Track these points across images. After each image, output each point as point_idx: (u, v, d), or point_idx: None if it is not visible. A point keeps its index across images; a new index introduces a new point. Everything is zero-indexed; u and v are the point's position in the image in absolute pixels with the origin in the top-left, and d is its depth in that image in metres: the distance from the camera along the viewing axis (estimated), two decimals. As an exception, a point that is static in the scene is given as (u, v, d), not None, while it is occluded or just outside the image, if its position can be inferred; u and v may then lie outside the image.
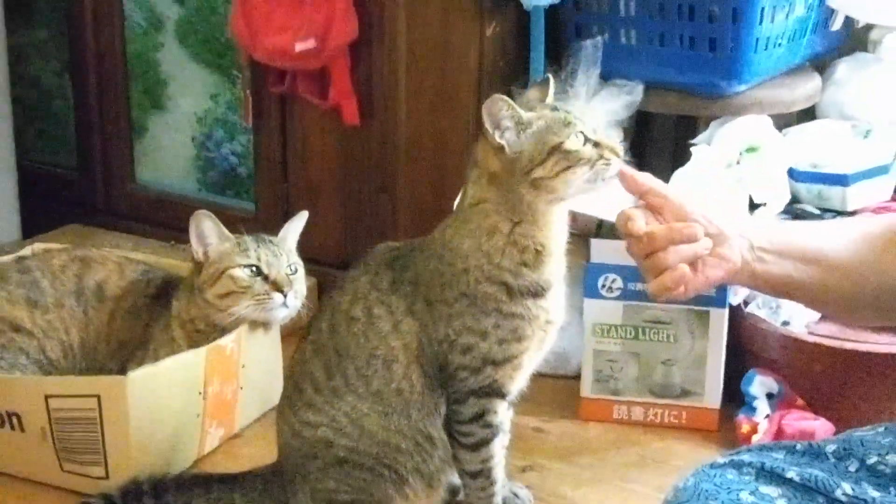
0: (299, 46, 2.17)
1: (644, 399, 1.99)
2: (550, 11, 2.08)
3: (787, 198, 2.06)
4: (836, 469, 1.24)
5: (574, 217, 1.95)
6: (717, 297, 1.91)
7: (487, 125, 1.46)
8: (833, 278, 1.36)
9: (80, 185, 2.71)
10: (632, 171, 1.42)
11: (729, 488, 1.25)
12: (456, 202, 1.59)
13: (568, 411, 2.02)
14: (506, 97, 1.46)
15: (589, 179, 1.46)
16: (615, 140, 1.50)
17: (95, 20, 2.58)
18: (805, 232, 1.42)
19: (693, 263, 1.36)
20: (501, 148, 1.46)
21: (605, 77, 2.10)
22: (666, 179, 2.08)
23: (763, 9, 2.01)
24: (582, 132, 1.46)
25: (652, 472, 1.85)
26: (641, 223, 1.35)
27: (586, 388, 2.00)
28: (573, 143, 1.45)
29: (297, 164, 2.37)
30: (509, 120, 1.46)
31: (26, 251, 2.12)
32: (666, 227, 1.35)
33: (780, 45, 2.10)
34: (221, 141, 2.53)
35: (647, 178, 1.41)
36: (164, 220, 2.58)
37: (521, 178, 1.46)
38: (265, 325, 1.95)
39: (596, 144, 1.46)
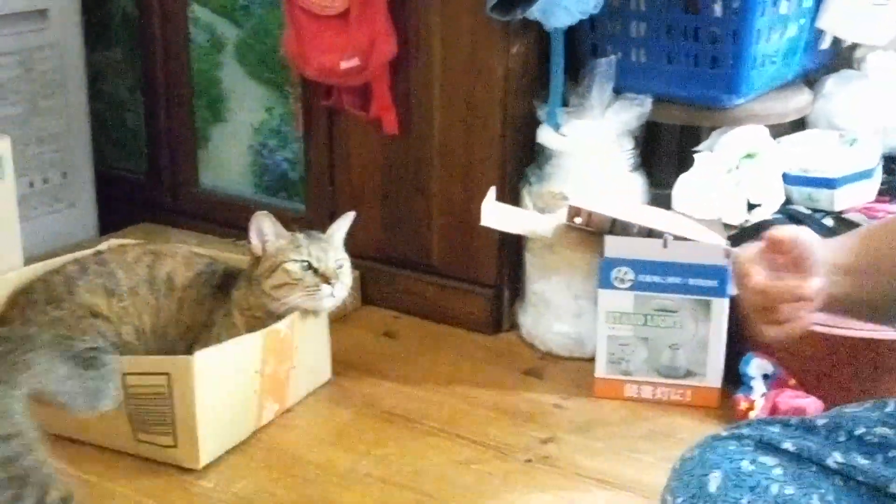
0: (345, 64, 2.17)
1: (652, 379, 1.98)
2: (569, 32, 2.07)
3: (782, 199, 2.05)
4: (827, 440, 1.23)
5: (590, 215, 1.97)
6: (719, 287, 1.90)
7: None
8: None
9: (150, 189, 2.72)
10: (779, 235, 1.17)
11: (731, 458, 1.24)
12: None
13: (583, 390, 2.01)
14: None
15: None
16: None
17: (164, 42, 2.59)
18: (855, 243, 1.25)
19: None
20: None
21: (618, 91, 2.09)
22: (670, 183, 2.09)
23: (759, 30, 2.00)
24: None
25: (660, 444, 1.84)
26: (759, 278, 1.18)
27: (600, 369, 1.99)
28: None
29: (342, 169, 2.37)
30: None
31: (102, 246, 2.13)
32: (782, 285, 1.18)
33: (774, 62, 2.09)
34: (275, 149, 2.53)
35: (791, 236, 1.17)
36: (224, 219, 2.58)
37: None
38: (315, 312, 1.96)
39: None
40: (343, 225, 1.99)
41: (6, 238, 2.09)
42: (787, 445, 1.22)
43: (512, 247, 2.22)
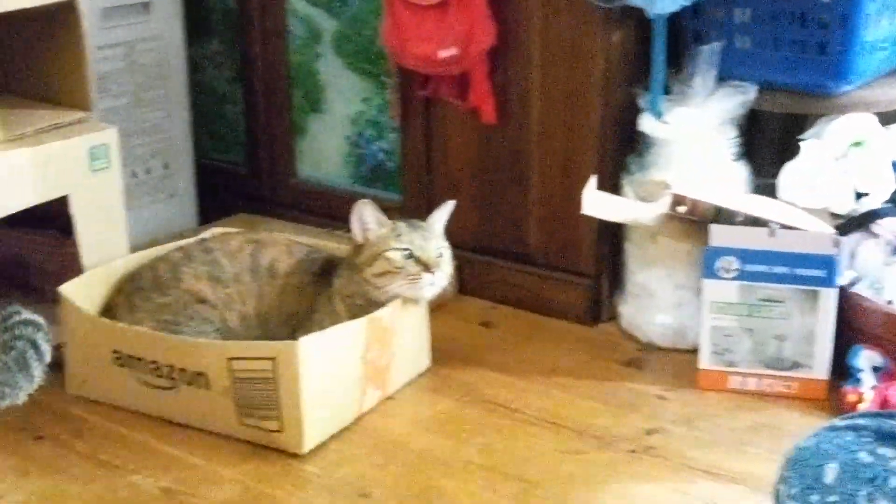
0: (443, 54, 2.17)
1: (757, 370, 1.94)
2: (671, 19, 2.04)
3: (892, 188, 2.00)
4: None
5: (694, 204, 1.95)
6: (827, 277, 1.87)
7: None
8: None
9: (249, 180, 2.75)
10: None
11: (848, 448, 1.22)
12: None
13: (686, 381, 1.98)
14: None
15: None
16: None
17: (263, 34, 2.61)
18: None
19: None
20: None
21: (721, 79, 2.06)
22: (773, 172, 2.05)
23: (869, 15, 1.95)
24: None
25: (766, 436, 1.81)
26: None
27: (704, 360, 1.96)
28: None
29: (439, 159, 2.37)
30: None
31: (206, 234, 2.16)
32: None
33: (884, 48, 2.04)
34: (372, 139, 2.54)
35: None
36: (321, 209, 2.60)
37: None
38: (415, 300, 1.96)
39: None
40: (443, 213, 1.99)
41: (113, 226, 2.13)
42: (907, 437, 1.19)
43: (611, 236, 2.19)
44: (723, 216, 1.93)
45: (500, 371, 2.04)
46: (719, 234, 1.90)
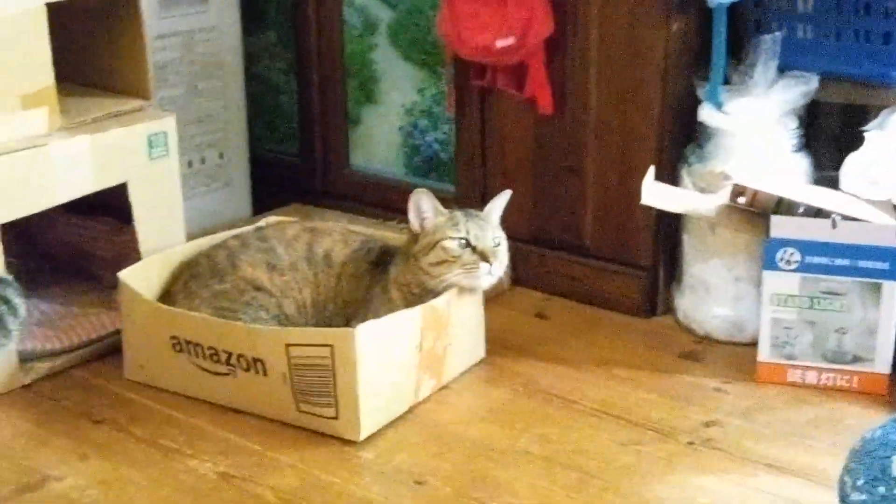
0: (500, 43, 2.16)
1: (817, 364, 1.92)
2: (731, 8, 2.02)
3: (958, 180, 1.97)
4: None
5: (755, 195, 1.92)
6: (891, 270, 1.84)
7: None
8: None
9: (302, 170, 2.76)
10: None
11: (917, 440, 1.20)
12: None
13: (744, 374, 1.96)
14: None
15: None
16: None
17: (318, 25, 2.62)
18: None
19: None
20: None
21: (782, 69, 2.03)
22: (832, 163, 2.02)
23: (935, 4, 1.93)
24: None
25: (827, 430, 1.79)
26: None
27: (763, 353, 1.94)
28: None
29: (493, 150, 2.36)
30: None
31: (262, 223, 2.17)
32: None
33: (951, 37, 2.01)
34: (426, 130, 2.54)
35: None
36: (374, 200, 2.60)
37: None
38: (471, 290, 1.96)
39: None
40: (500, 203, 1.99)
41: (170, 213, 2.14)
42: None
43: (668, 228, 2.18)
44: (784, 207, 1.91)
45: (555, 362, 2.03)
46: (780, 226, 1.88)
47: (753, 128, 2.02)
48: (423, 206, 1.92)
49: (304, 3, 2.63)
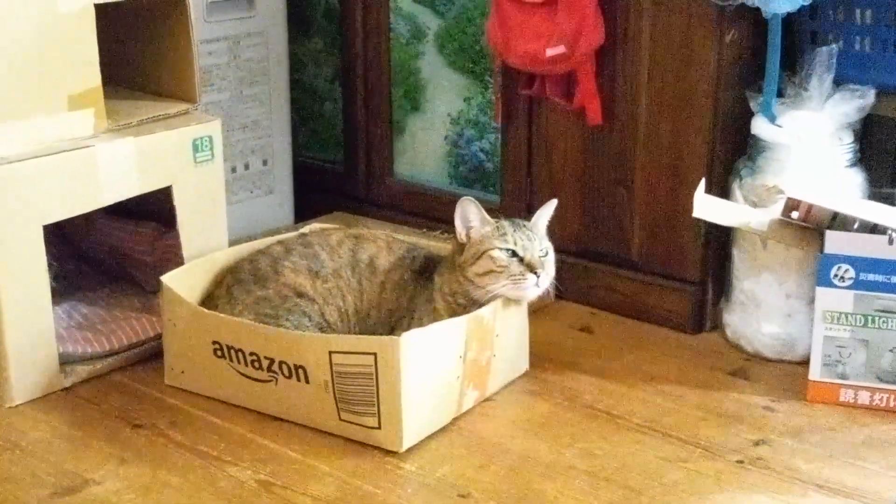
0: (550, 52, 2.15)
1: (871, 384, 1.88)
2: (786, 19, 2.00)
3: None
4: None
5: (809, 210, 1.90)
6: (949, 289, 1.81)
7: None
8: None
9: (346, 178, 2.76)
10: None
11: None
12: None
13: (794, 393, 1.93)
14: None
15: None
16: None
17: (365, 32, 2.62)
18: None
19: None
20: None
21: (838, 82, 2.01)
22: (887, 179, 1.99)
23: None
24: None
25: (881, 452, 1.75)
26: None
27: (815, 372, 1.91)
28: None
29: (540, 160, 2.35)
30: None
31: (305, 229, 2.17)
32: None
33: None
34: (472, 139, 2.53)
35: None
36: (418, 209, 2.60)
37: None
38: (517, 301, 1.94)
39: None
40: (546, 213, 1.97)
41: (214, 218, 2.15)
42: None
43: (718, 242, 2.15)
44: (838, 223, 1.88)
45: (600, 377, 2.01)
46: (835, 241, 1.85)
47: (807, 142, 1.99)
48: (470, 215, 1.91)
49: (351, 10, 2.63)
